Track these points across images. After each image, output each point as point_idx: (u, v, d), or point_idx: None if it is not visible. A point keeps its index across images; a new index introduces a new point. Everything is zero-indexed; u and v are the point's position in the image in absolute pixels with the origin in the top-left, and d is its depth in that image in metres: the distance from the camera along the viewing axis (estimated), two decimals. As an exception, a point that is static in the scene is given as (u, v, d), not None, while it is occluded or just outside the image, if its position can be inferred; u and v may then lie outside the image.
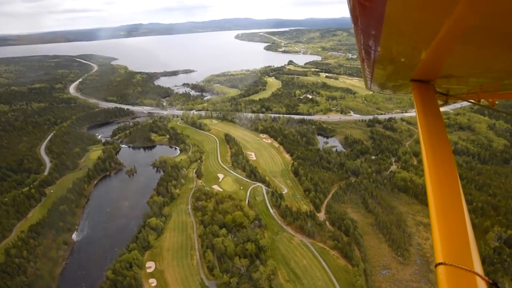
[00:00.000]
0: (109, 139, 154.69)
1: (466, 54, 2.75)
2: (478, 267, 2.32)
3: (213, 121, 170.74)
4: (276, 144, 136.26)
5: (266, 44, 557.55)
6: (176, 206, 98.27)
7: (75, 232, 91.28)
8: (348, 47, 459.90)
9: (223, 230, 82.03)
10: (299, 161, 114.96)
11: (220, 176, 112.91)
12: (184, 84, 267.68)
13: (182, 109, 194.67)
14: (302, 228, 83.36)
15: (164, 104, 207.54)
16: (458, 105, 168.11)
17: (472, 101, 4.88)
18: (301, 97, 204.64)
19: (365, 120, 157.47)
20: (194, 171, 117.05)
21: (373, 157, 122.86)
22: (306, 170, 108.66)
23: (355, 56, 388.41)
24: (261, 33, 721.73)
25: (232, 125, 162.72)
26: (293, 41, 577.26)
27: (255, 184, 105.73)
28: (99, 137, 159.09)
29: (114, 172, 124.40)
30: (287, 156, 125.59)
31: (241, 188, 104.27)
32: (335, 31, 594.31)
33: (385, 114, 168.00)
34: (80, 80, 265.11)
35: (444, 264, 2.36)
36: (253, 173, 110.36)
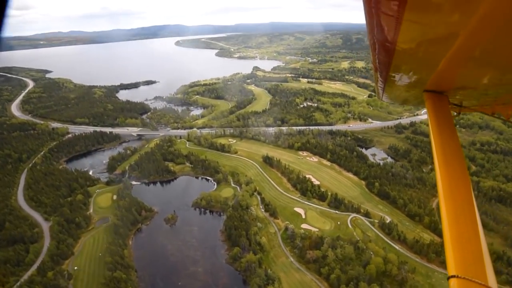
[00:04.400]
0: (107, 175, 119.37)
1: (481, 65, 2.74)
2: (492, 281, 2.25)
3: (230, 139, 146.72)
4: (327, 162, 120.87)
5: (215, 51, 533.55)
6: (274, 262, 75.71)
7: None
8: (300, 51, 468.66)
9: (375, 287, 63.88)
10: (376, 181, 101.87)
11: (299, 210, 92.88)
12: (156, 98, 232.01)
13: (178, 128, 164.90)
14: (453, 267, 70.15)
15: (149, 123, 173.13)
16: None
17: (486, 113, 4.59)
18: (304, 106, 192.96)
19: (391, 127, 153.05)
20: (262, 208, 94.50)
21: (430, 167, 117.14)
22: (396, 191, 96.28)
23: (315, 60, 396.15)
24: (203, 39, 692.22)
25: (257, 143, 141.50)
26: (241, 46, 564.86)
27: (349, 215, 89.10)
28: (91, 173, 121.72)
29: (147, 223, 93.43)
30: (350, 175, 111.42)
31: (339, 223, 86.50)
32: (281, 35, 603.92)
33: (401, 118, 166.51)
34: (21, 98, 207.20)
35: (457, 277, 2.29)
36: (337, 202, 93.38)
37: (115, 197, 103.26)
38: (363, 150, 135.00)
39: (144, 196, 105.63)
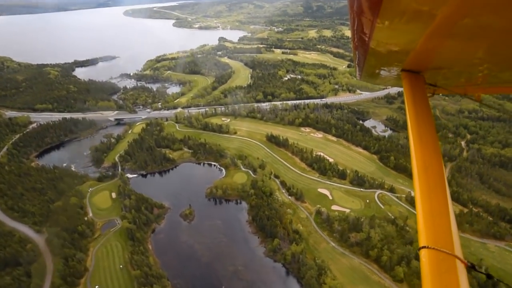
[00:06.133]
0: (94, 169, 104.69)
1: (457, 46, 2.85)
2: (458, 251, 2.49)
3: (223, 119, 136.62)
4: (332, 138, 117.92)
5: (172, 21, 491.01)
6: (316, 249, 72.37)
7: None
8: (263, 20, 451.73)
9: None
10: (391, 155, 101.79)
11: (324, 191, 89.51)
12: (122, 75, 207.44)
13: (161, 109, 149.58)
14: (486, 232, 73.04)
15: (124, 104, 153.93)
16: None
17: (459, 94, 4.83)
18: (288, 78, 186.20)
19: (381, 97, 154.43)
20: (285, 193, 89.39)
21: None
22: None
23: (280, 28, 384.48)
24: (155, 9, 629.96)
25: (254, 121, 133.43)
26: (199, 16, 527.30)
27: (375, 192, 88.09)
28: (74, 168, 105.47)
29: (161, 221, 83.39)
30: (360, 150, 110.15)
31: (368, 201, 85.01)
32: (240, 3, 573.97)
33: (386, 88, 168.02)
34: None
35: (427, 247, 2.49)
36: (360, 179, 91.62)
37: (114, 195, 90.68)
38: (360, 122, 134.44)
39: (146, 190, 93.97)
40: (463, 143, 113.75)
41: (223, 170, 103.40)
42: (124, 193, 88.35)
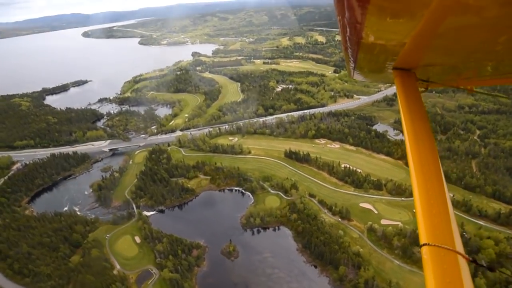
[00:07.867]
0: (102, 210, 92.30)
1: (445, 44, 2.86)
2: (459, 247, 2.49)
3: (230, 138, 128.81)
4: (351, 147, 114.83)
5: (136, 39, 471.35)
6: (382, 270, 67.34)
7: None
8: (232, 31, 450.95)
9: (506, 271, 61.25)
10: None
11: (367, 206, 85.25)
12: (101, 100, 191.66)
13: (158, 134, 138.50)
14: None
15: (115, 132, 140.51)
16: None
17: (451, 87, 4.79)
18: (281, 89, 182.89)
19: (380, 100, 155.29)
20: (328, 212, 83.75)
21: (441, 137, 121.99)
22: (444, 168, 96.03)
23: (251, 39, 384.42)
24: (115, 28, 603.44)
25: (263, 137, 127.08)
26: (164, 32, 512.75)
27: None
28: (78, 211, 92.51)
29: (201, 263, 73.64)
30: (383, 157, 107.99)
31: (414, 210, 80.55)
32: (203, 17, 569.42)
33: (380, 90, 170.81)
34: None
35: (428, 245, 2.51)
36: (399, 188, 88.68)
37: (138, 239, 79.52)
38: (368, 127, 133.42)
39: (172, 228, 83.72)
40: (476, 138, 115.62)
41: (249, 195, 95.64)
42: (152, 236, 77.61)
